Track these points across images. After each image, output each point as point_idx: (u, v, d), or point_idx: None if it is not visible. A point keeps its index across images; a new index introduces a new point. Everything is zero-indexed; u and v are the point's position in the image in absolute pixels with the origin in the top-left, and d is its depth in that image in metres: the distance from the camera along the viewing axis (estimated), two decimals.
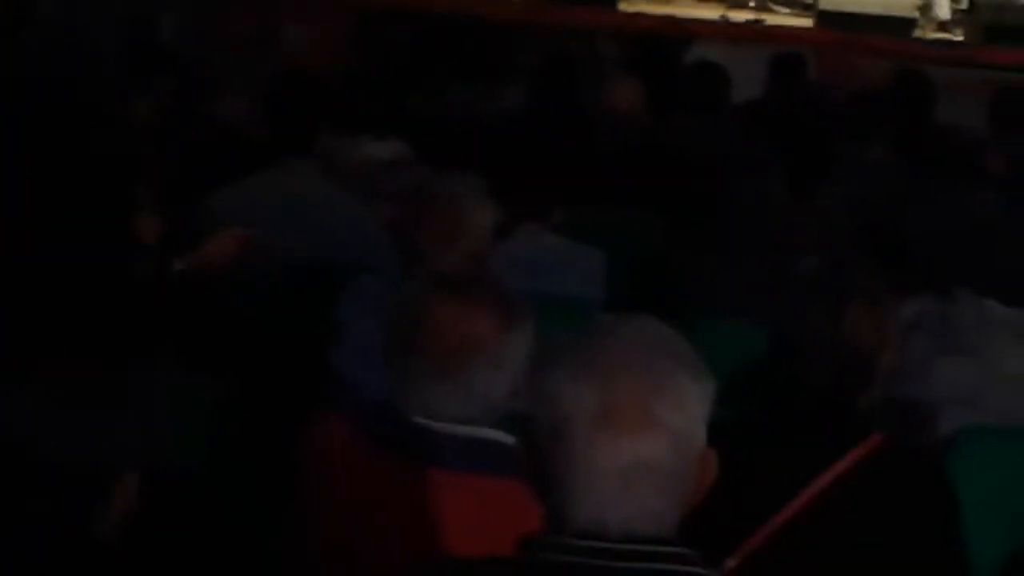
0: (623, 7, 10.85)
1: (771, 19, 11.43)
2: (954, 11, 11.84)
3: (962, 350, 3.32)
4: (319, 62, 6.14)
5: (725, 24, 10.90)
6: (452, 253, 3.11)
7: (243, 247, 3.62)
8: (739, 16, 11.25)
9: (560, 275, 3.74)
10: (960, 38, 11.13)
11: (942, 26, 11.46)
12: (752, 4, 11.88)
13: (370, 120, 4.53)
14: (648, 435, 1.72)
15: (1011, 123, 6.37)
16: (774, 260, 3.84)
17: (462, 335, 2.41)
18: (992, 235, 3.55)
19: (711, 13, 11.40)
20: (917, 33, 10.97)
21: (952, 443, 3.13)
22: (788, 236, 4.20)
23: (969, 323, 3.36)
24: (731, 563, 2.47)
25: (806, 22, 11.23)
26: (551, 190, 4.11)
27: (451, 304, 2.45)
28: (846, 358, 2.80)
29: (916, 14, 11.16)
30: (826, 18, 10.81)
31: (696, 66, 6.48)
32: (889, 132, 5.90)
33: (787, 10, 12.31)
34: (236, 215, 3.80)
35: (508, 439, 2.28)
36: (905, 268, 3.49)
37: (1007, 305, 3.41)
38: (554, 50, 7.14)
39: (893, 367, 2.88)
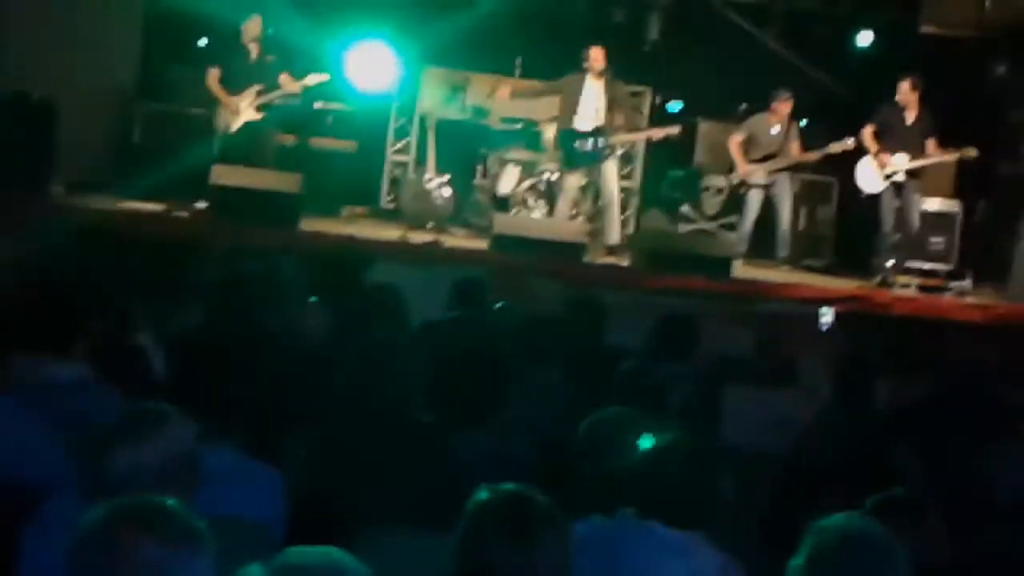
0: (304, 227, 10.97)
1: (449, 241, 11.74)
2: (622, 237, 12.42)
3: (627, 569, 3.46)
4: None
5: (405, 245, 11.12)
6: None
7: None
8: (418, 237, 11.51)
9: (240, 494, 3.74)
10: (626, 263, 11.60)
11: (611, 251, 11.98)
12: (430, 226, 12.21)
13: (49, 341, 4.47)
14: None
15: (671, 347, 6.68)
16: (455, 482, 3.93)
17: (146, 562, 2.43)
18: (655, 459, 3.72)
19: (391, 234, 11.63)
20: (587, 258, 11.39)
21: None
22: (468, 457, 4.31)
23: (633, 543, 3.50)
24: None
25: (482, 244, 11.54)
26: (232, 410, 4.13)
27: (135, 532, 2.47)
28: None
29: (586, 240, 11.63)
30: (500, 241, 11.12)
31: (381, 288, 6.61)
32: (562, 355, 6.12)
33: (463, 232, 12.70)
34: None
35: None
36: (575, 489, 3.63)
37: (668, 526, 3.56)
38: (233, 269, 7.17)
39: None
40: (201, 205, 10.98)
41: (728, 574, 3.56)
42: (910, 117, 12.11)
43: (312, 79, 11.91)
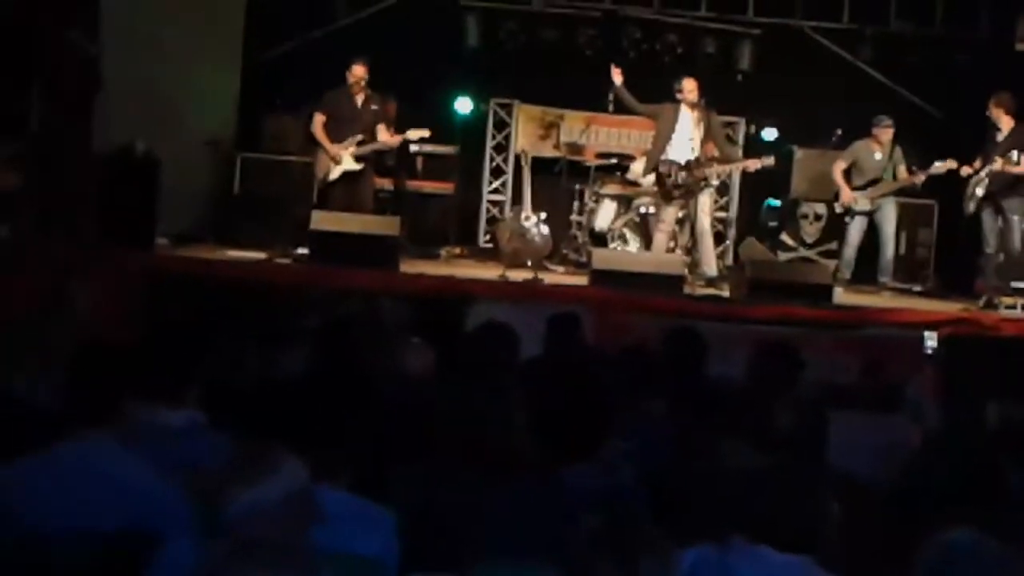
0: (404, 269, 11.07)
1: (548, 278, 11.78)
2: (720, 268, 12.39)
3: None
4: (109, 329, 6.14)
5: (504, 283, 11.16)
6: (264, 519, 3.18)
7: None
8: (517, 276, 11.54)
9: (354, 533, 3.79)
10: (727, 294, 11.56)
11: (710, 283, 11.96)
12: (529, 264, 12.25)
13: (162, 388, 4.56)
14: None
15: (771, 375, 6.64)
16: (563, 511, 3.95)
17: None
18: (764, 485, 3.72)
19: (490, 274, 11.69)
20: (686, 290, 11.36)
21: None
22: (575, 489, 4.33)
23: (745, 569, 3.50)
24: None
25: (581, 280, 11.56)
26: (343, 450, 4.19)
27: (252, 570, 2.52)
28: None
29: (685, 271, 11.61)
30: (600, 276, 11.13)
31: (484, 326, 6.64)
32: (665, 388, 6.11)
33: (562, 269, 12.74)
34: (37, 489, 3.82)
35: None
36: (684, 517, 3.64)
37: (779, 551, 3.56)
38: (338, 312, 7.26)
39: None
40: (302, 251, 11.11)
41: None
42: (1001, 135, 12.01)
43: (414, 133, 12.03)
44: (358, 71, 12.00)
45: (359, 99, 12.08)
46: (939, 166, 12.36)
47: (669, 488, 4.30)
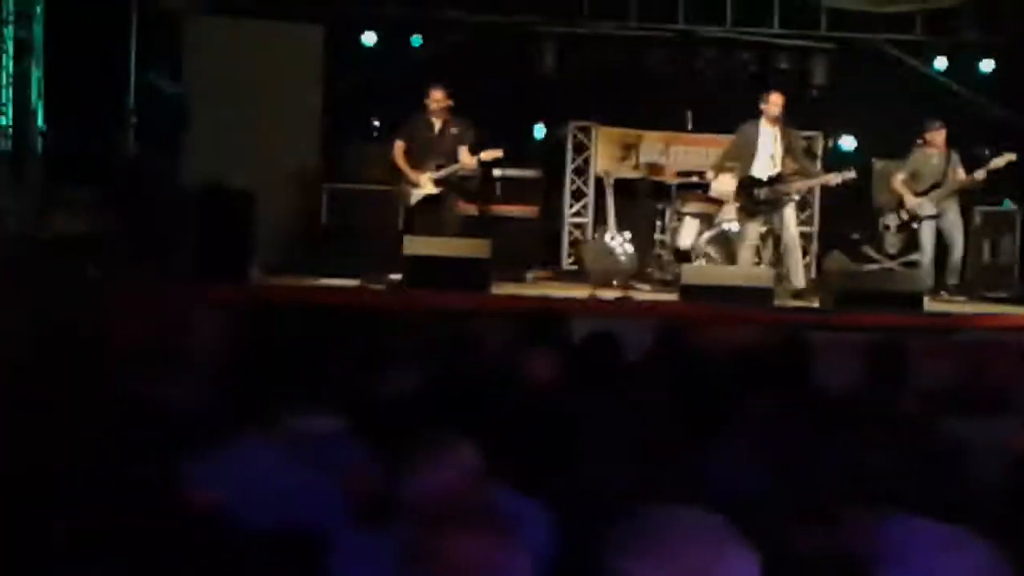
0: (495, 290, 11.19)
1: (636, 296, 11.88)
2: (808, 280, 12.46)
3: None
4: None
5: (596, 302, 11.26)
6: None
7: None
8: (606, 296, 11.66)
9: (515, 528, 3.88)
10: (815, 305, 11.64)
11: (797, 295, 12.02)
12: (615, 283, 12.35)
13: (301, 399, 4.68)
14: None
15: (881, 374, 6.74)
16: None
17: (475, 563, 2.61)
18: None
19: (579, 293, 11.81)
20: (776, 302, 11.45)
21: None
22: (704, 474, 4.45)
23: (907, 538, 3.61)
24: None
25: (670, 297, 11.66)
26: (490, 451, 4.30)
27: (457, 536, 2.66)
28: None
29: (773, 284, 11.68)
30: (689, 292, 11.22)
31: (592, 335, 6.76)
32: (774, 389, 6.19)
33: (648, 287, 12.82)
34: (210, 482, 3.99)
35: None
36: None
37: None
38: (450, 331, 7.37)
39: None
40: (395, 277, 11.23)
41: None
42: None
43: (488, 155, 12.10)
44: (436, 95, 12.14)
45: (438, 124, 12.21)
46: (997, 161, 12.41)
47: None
